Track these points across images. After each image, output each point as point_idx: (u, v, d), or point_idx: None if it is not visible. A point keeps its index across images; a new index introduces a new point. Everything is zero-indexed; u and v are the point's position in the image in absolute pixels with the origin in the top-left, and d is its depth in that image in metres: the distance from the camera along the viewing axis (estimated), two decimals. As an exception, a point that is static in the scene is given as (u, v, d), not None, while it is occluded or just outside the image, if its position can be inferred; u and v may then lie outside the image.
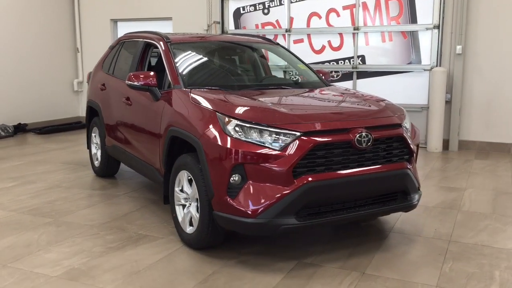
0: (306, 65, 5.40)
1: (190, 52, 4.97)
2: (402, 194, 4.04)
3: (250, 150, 3.51)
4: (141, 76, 4.54)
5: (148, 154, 4.79)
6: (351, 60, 9.10)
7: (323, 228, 4.49)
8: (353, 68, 9.09)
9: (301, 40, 9.47)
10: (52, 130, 10.06)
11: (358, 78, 9.13)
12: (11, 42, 9.89)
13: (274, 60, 6.52)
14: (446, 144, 8.44)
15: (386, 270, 3.69)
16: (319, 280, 3.52)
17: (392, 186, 3.96)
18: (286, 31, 9.48)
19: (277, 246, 4.12)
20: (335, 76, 9.27)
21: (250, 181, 3.53)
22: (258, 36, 5.90)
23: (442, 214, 4.99)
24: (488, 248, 4.12)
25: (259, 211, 3.48)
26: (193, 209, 3.97)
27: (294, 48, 9.45)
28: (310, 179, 3.50)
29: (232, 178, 3.54)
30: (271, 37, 9.48)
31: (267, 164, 3.48)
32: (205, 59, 5.05)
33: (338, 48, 9.24)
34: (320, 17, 9.27)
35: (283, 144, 3.52)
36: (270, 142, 3.53)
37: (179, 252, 4.00)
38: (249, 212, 3.50)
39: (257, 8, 9.72)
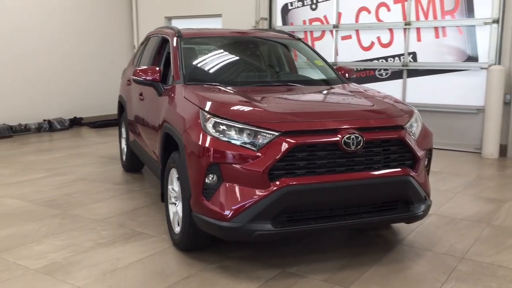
0: (326, 62, 5.07)
1: (200, 47, 4.85)
2: (403, 204, 3.65)
3: (226, 149, 3.30)
4: (146, 71, 4.48)
5: (153, 149, 4.73)
6: (401, 57, 8.55)
7: (323, 234, 4.19)
8: (403, 66, 8.54)
9: (349, 37, 9.05)
10: (104, 124, 10.39)
11: (408, 76, 8.56)
12: (74, 42, 10.34)
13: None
14: (503, 150, 7.69)
15: (375, 286, 3.34)
16: (294, 292, 3.26)
17: (389, 194, 3.59)
18: (334, 27, 9.11)
19: (267, 252, 3.88)
20: (383, 74, 8.77)
21: (226, 183, 3.32)
22: (281, 32, 5.64)
23: (468, 227, 4.49)
24: (504, 269, 3.62)
25: (233, 214, 3.28)
26: (179, 209, 3.83)
27: (341, 45, 9.08)
28: (288, 182, 3.24)
29: (207, 178, 3.36)
30: (318, 34, 9.21)
31: (243, 165, 3.27)
32: (214, 54, 4.90)
33: (388, 44, 8.72)
34: (369, 11, 8.80)
35: (260, 144, 3.28)
36: (248, 141, 3.30)
37: (164, 252, 3.89)
38: (223, 215, 3.30)
39: (305, 4, 9.42)
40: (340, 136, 3.33)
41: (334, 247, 4.01)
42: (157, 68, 4.49)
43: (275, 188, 3.23)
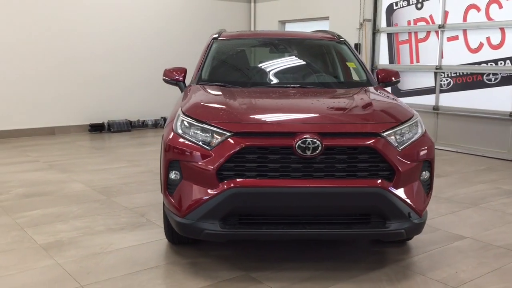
0: (362, 64, 4.74)
1: (228, 48, 4.93)
2: (378, 219, 3.32)
3: (185, 147, 3.37)
4: (173, 71, 4.73)
5: None
6: (512, 60, 7.54)
7: (311, 242, 3.98)
8: (514, 70, 7.52)
9: (456, 37, 8.25)
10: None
11: (520, 82, 7.52)
12: (195, 45, 11.06)
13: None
14: None
15: (323, 303, 3.11)
16: (236, 297, 3.19)
17: (356, 206, 3.28)
18: (439, 27, 8.39)
19: (245, 254, 3.83)
20: (492, 79, 7.82)
21: (185, 180, 3.39)
22: (330, 33, 5.42)
23: (496, 256, 3.86)
24: (492, 307, 3.07)
25: (186, 211, 3.33)
26: (168, 203, 3.99)
27: (447, 47, 8.33)
28: (235, 184, 3.18)
29: (171, 174, 3.46)
30: (423, 35, 8.59)
31: (197, 163, 3.30)
32: (239, 56, 4.94)
33: (499, 46, 7.75)
34: (479, 9, 7.92)
35: (214, 144, 3.28)
36: (205, 140, 3.33)
37: (155, 243, 4.08)
38: (179, 211, 3.37)
39: (411, 3, 8.84)
40: (294, 140, 3.17)
41: (316, 258, 3.77)
42: (182, 68, 4.70)
43: (223, 188, 3.20)
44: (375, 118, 3.41)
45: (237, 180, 3.20)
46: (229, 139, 3.23)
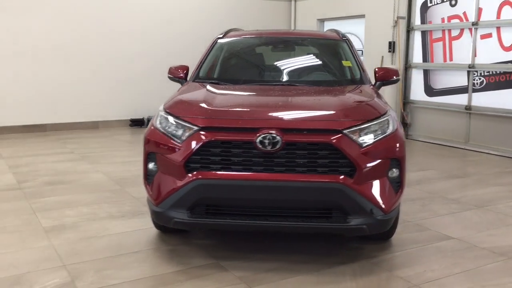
0: (358, 63, 4.76)
1: (229, 48, 5.11)
2: (340, 214, 3.40)
3: (160, 140, 3.60)
4: (176, 69, 4.99)
5: None
6: (546, 58, 7.22)
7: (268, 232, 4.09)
8: (548, 68, 7.19)
9: (489, 35, 7.99)
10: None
11: (554, 81, 7.18)
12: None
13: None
14: None
15: (278, 293, 3.24)
16: (199, 282, 3.37)
17: (316, 201, 3.38)
18: (473, 24, 8.15)
19: (225, 243, 4.02)
20: (525, 78, 7.51)
21: (159, 171, 3.63)
22: (331, 31, 5.45)
23: (476, 258, 3.80)
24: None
25: (159, 200, 3.56)
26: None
27: (480, 45, 8.08)
28: (200, 175, 3.38)
29: (149, 165, 3.71)
30: (456, 32, 8.38)
31: (169, 156, 3.52)
32: (238, 54, 5.10)
33: (533, 44, 7.43)
34: (513, 6, 7.63)
35: (184, 137, 3.49)
36: (176, 134, 3.54)
37: (146, 230, 4.32)
38: (154, 200, 3.61)
39: (445, 0, 8.62)
40: (256, 135, 3.31)
41: (289, 251, 3.86)
42: (185, 66, 4.94)
43: (189, 179, 3.40)
44: (340, 115, 3.48)
45: (202, 172, 3.39)
46: (196, 133, 3.43)
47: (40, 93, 9.66)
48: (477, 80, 8.18)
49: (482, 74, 8.11)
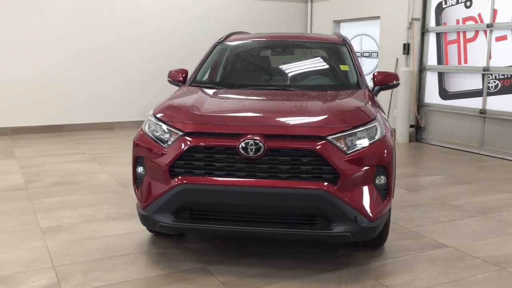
0: (356, 67, 4.70)
1: (228, 51, 5.12)
2: (324, 221, 3.37)
3: (147, 145, 3.63)
4: (175, 72, 5.02)
5: None
6: (562, 61, 7.00)
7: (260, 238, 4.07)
8: None
9: (504, 37, 7.80)
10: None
11: None
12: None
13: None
14: None
15: (259, 299, 3.24)
16: (182, 286, 3.39)
17: (299, 207, 3.35)
18: (488, 26, 7.96)
19: (215, 248, 4.04)
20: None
21: (147, 175, 3.66)
22: (333, 34, 5.40)
23: (468, 268, 3.72)
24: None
25: (146, 204, 3.60)
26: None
27: (495, 47, 7.89)
28: (184, 180, 3.40)
29: (138, 169, 3.75)
30: (471, 35, 8.20)
31: (155, 160, 3.55)
32: (235, 58, 5.10)
33: (549, 46, 7.22)
34: (529, 7, 7.43)
35: (170, 142, 3.51)
36: (162, 139, 3.57)
37: (139, 233, 4.35)
38: (142, 204, 3.65)
39: (460, 1, 8.46)
40: (239, 141, 3.31)
41: (277, 257, 3.84)
42: (184, 70, 4.97)
43: (173, 184, 3.42)
44: (325, 122, 3.45)
45: (187, 177, 3.41)
46: (180, 139, 3.45)
47: (59, 94, 9.86)
48: (491, 83, 7.99)
49: (497, 77, 7.92)
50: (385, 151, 3.50)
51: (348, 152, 3.35)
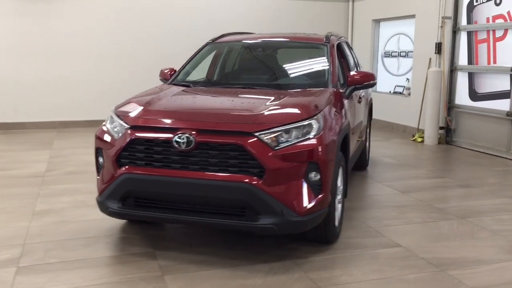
0: (331, 66, 4.77)
1: (215, 51, 5.38)
2: (252, 213, 3.53)
3: (103, 137, 3.98)
4: (165, 71, 5.36)
5: None
6: None
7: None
8: None
9: (533, 36, 7.39)
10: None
11: None
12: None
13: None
14: None
15: (183, 280, 3.46)
16: (121, 267, 3.69)
17: (227, 199, 3.53)
18: (516, 24, 7.59)
19: (175, 234, 4.31)
20: None
21: (104, 164, 4.01)
22: (334, 35, 5.44)
23: (404, 266, 3.72)
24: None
25: (101, 191, 3.95)
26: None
27: (524, 46, 7.50)
28: (127, 170, 3.70)
29: (99, 159, 4.11)
30: (500, 33, 7.88)
31: (107, 151, 3.88)
32: (220, 58, 5.33)
33: None
34: (558, 4, 7.01)
35: (120, 135, 3.83)
36: (114, 131, 3.89)
37: (112, 219, 4.66)
38: (99, 191, 4.01)
39: (490, -2, 8.11)
40: (174, 135, 3.56)
41: (227, 246, 4.04)
42: (172, 69, 5.29)
43: (119, 173, 3.74)
44: (255, 118, 3.60)
45: (130, 167, 3.71)
46: (126, 131, 3.76)
47: (100, 91, 10.57)
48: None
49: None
50: (320, 148, 3.59)
51: (276, 148, 3.48)
